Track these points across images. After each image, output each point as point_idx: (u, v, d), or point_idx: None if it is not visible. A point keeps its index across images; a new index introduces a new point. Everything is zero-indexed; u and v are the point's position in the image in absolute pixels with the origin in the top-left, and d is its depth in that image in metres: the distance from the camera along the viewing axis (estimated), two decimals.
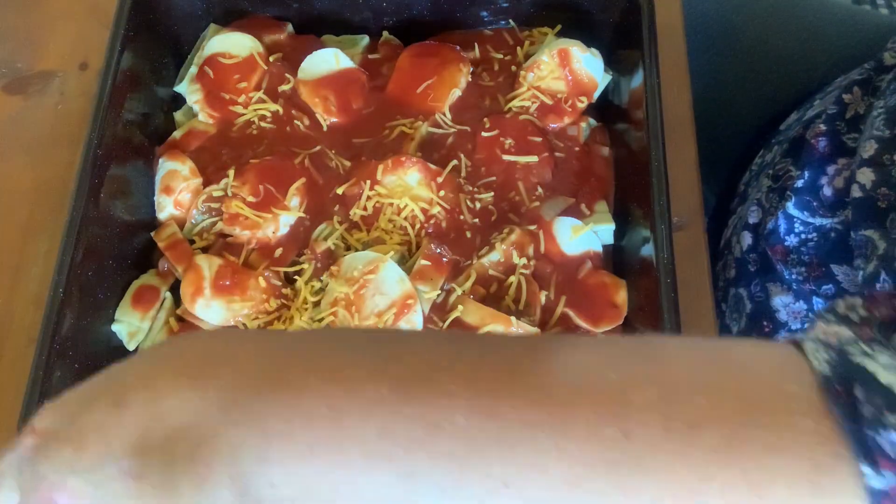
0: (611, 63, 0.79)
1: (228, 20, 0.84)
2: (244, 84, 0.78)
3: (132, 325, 0.70)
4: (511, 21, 0.83)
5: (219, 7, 0.83)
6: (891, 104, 0.66)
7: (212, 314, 0.69)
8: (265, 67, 0.79)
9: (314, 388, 0.35)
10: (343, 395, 0.35)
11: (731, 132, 0.93)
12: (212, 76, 0.78)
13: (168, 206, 0.74)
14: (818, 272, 0.71)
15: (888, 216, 0.62)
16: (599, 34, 0.79)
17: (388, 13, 0.83)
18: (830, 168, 0.71)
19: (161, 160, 0.76)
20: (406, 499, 0.34)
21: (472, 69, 0.80)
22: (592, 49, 0.77)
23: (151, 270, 0.73)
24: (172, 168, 0.75)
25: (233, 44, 0.79)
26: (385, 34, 0.83)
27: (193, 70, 0.80)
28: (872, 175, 0.64)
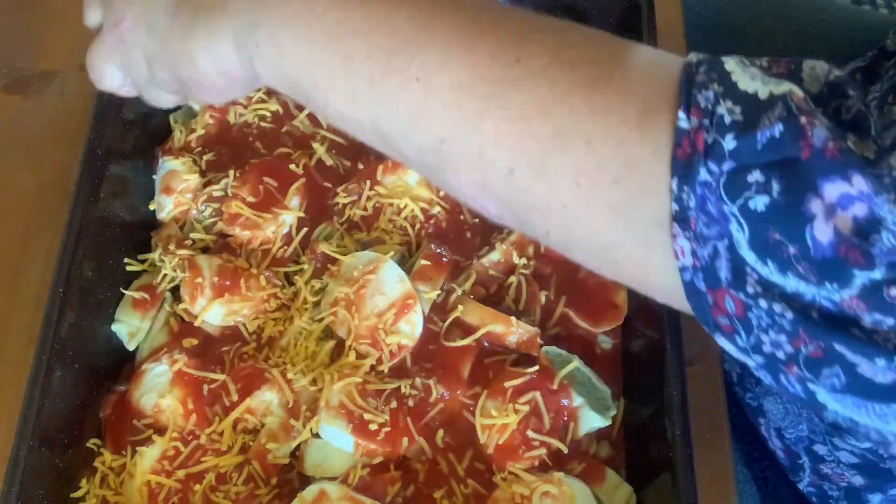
0: None
1: None
2: None
3: (132, 325, 0.70)
4: None
5: None
6: (885, 88, 0.66)
7: (212, 314, 0.69)
8: None
9: None
10: None
11: None
12: None
13: (168, 206, 0.74)
14: None
15: None
16: None
17: None
18: None
19: (161, 160, 0.76)
20: (344, 79, 0.43)
21: None
22: None
23: (151, 270, 0.73)
24: (172, 168, 0.75)
25: None
26: None
27: None
28: None
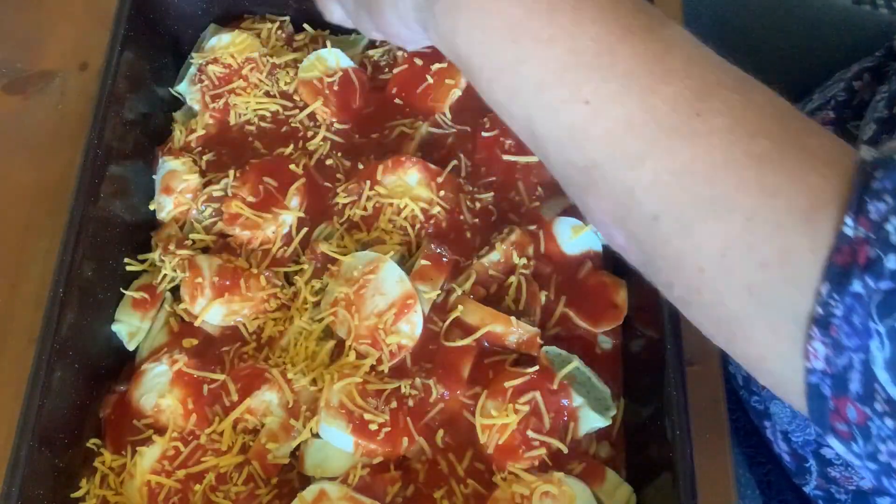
0: None
1: (228, 20, 0.84)
2: (244, 84, 0.78)
3: (132, 325, 0.70)
4: None
5: (219, 7, 0.83)
6: (894, 88, 0.66)
7: (212, 314, 0.69)
8: (265, 67, 0.79)
9: None
10: None
11: None
12: (211, 76, 0.78)
13: (168, 206, 0.74)
14: None
15: None
16: None
17: None
18: None
19: (161, 160, 0.76)
20: (512, 77, 0.43)
21: None
22: None
23: (151, 270, 0.73)
24: (172, 168, 0.75)
25: (233, 43, 0.79)
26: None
27: (193, 70, 0.80)
28: None
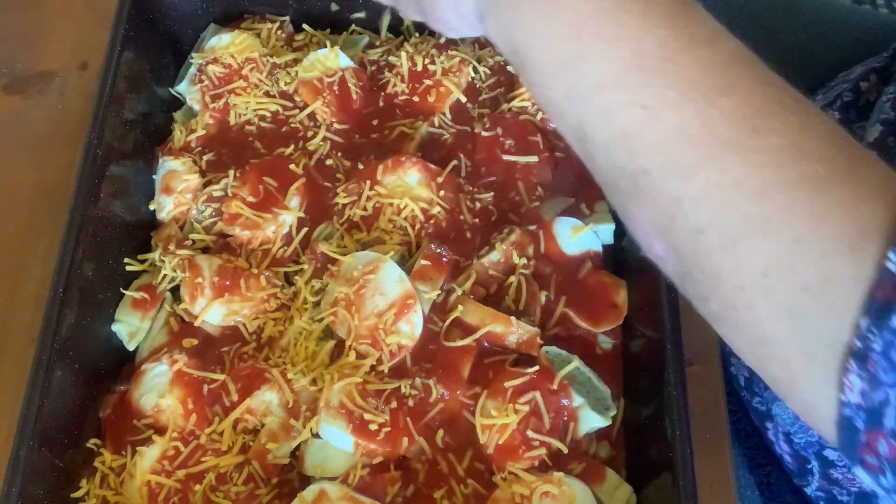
0: None
1: (228, 20, 0.84)
2: (244, 84, 0.78)
3: (132, 325, 0.70)
4: None
5: (219, 7, 0.83)
6: None
7: (212, 314, 0.69)
8: (265, 67, 0.79)
9: None
10: None
11: None
12: (211, 76, 0.78)
13: (168, 206, 0.74)
14: None
15: None
16: None
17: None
18: None
19: (161, 160, 0.76)
20: (570, 74, 0.42)
21: (473, 69, 0.80)
22: None
23: (151, 270, 0.73)
24: (172, 168, 0.75)
25: (233, 43, 0.79)
26: (385, 32, 0.84)
27: (193, 70, 0.80)
28: None
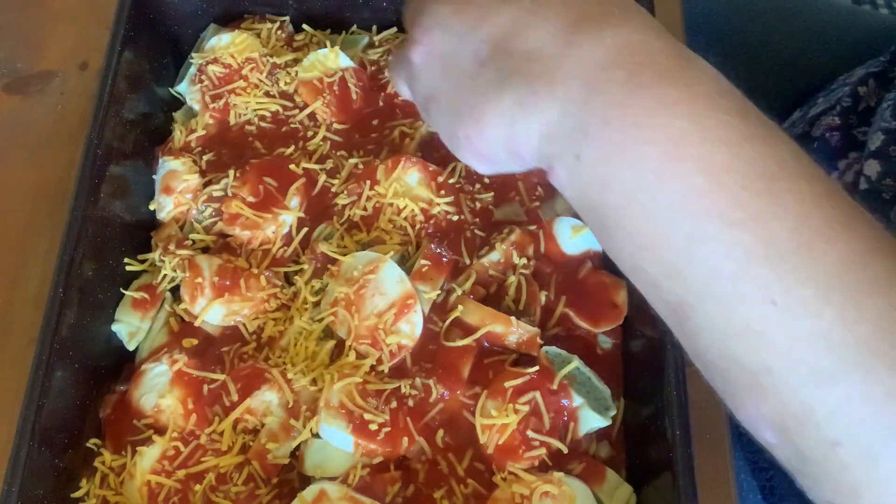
0: None
1: (228, 20, 0.84)
2: (244, 84, 0.78)
3: (132, 325, 0.70)
4: None
5: (219, 7, 0.83)
6: None
7: (212, 314, 0.69)
8: (265, 67, 0.79)
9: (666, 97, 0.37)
10: (688, 116, 0.37)
11: None
12: (211, 76, 0.78)
13: (168, 206, 0.74)
14: None
15: (893, 207, 0.62)
16: None
17: (388, 13, 0.83)
18: (842, 162, 0.71)
19: (161, 160, 0.76)
20: (682, 251, 0.37)
21: None
22: None
23: (151, 270, 0.73)
24: (172, 168, 0.75)
25: (233, 43, 0.79)
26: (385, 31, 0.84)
27: (193, 70, 0.80)
28: (878, 166, 0.64)
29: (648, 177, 0.37)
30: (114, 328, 0.70)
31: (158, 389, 0.66)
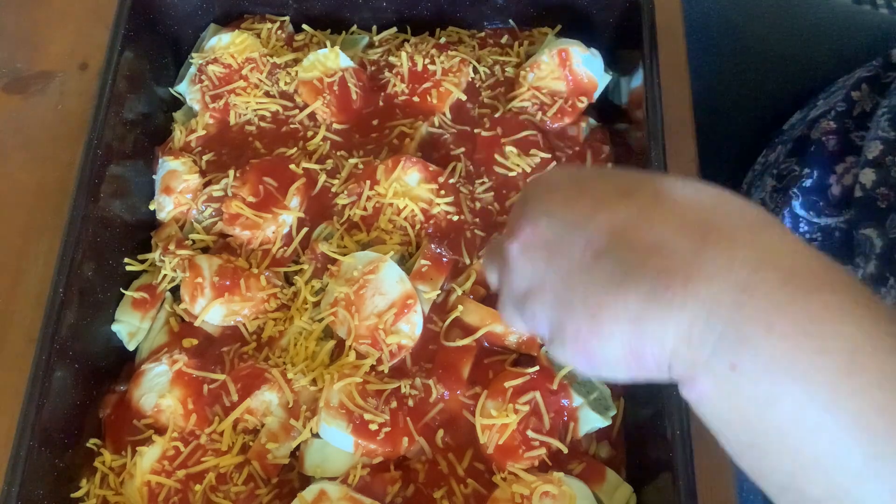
0: (611, 63, 0.79)
1: (228, 20, 0.84)
2: (244, 84, 0.78)
3: (132, 325, 0.70)
4: (511, 21, 0.83)
5: (219, 7, 0.83)
6: (894, 103, 0.66)
7: (212, 314, 0.69)
8: (265, 67, 0.79)
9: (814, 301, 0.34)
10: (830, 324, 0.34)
11: (732, 132, 0.93)
12: (211, 76, 0.78)
13: (168, 206, 0.74)
14: None
15: (888, 216, 0.63)
16: (599, 34, 0.79)
17: (388, 13, 0.83)
18: (839, 166, 0.71)
19: (161, 160, 0.76)
20: (867, 477, 0.34)
21: (473, 69, 0.80)
22: (592, 49, 0.77)
23: (151, 270, 0.73)
24: (172, 168, 0.75)
25: (233, 43, 0.79)
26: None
27: (193, 70, 0.80)
28: (873, 175, 0.64)
29: (822, 391, 0.33)
30: (114, 328, 0.70)
31: (158, 389, 0.66)
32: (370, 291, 0.66)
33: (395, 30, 0.84)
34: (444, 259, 0.69)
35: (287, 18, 0.84)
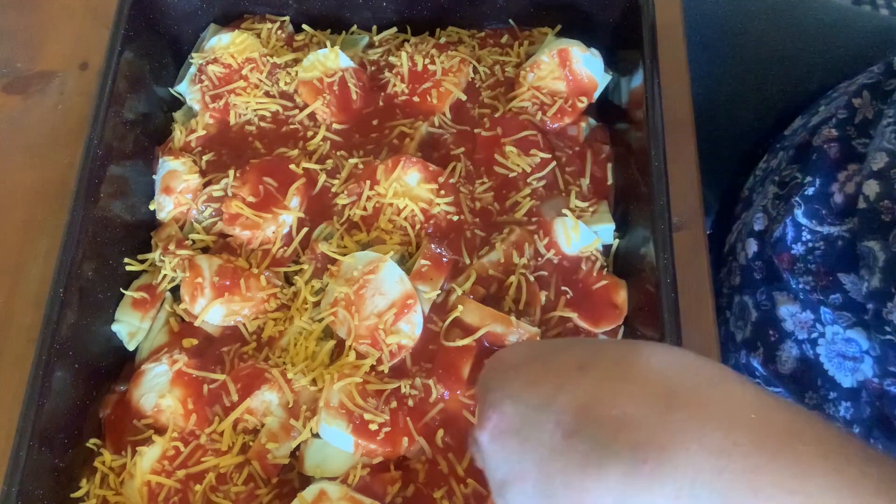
0: (611, 63, 0.79)
1: (228, 20, 0.84)
2: (244, 84, 0.78)
3: (132, 325, 0.70)
4: (511, 21, 0.83)
5: (219, 7, 0.83)
6: None
7: (212, 314, 0.69)
8: (265, 67, 0.79)
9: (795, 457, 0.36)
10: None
11: (732, 132, 0.93)
12: (211, 76, 0.78)
13: (168, 206, 0.74)
14: (825, 281, 0.70)
15: (892, 230, 0.62)
16: (599, 34, 0.79)
17: (388, 13, 0.83)
18: (841, 174, 0.71)
19: (161, 160, 0.76)
20: None
21: (473, 69, 0.80)
22: (592, 49, 0.77)
23: (151, 270, 0.73)
24: (172, 168, 0.75)
25: (233, 43, 0.79)
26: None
27: (193, 70, 0.80)
28: (878, 187, 0.64)
29: None
30: (114, 328, 0.70)
31: (158, 389, 0.66)
32: (370, 291, 0.66)
33: (395, 30, 0.84)
34: (444, 259, 0.69)
35: (287, 18, 0.84)
